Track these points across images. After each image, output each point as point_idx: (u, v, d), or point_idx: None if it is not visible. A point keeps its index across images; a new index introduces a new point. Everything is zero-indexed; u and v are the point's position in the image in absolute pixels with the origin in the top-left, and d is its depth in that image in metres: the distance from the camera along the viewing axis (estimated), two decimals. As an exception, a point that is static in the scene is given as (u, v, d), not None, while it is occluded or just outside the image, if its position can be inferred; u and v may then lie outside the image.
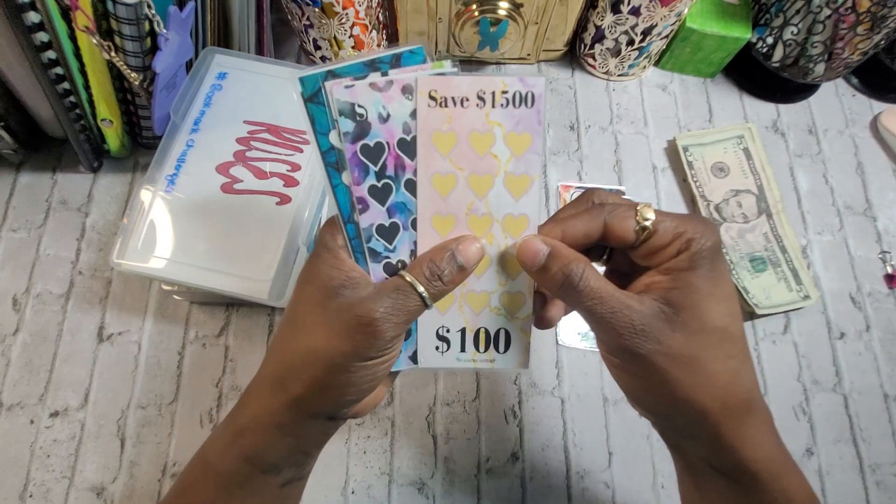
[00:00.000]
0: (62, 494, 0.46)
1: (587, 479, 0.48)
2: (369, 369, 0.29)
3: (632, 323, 0.27)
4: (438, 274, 0.29)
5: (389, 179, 0.29)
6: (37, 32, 0.40)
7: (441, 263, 0.29)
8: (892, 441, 0.51)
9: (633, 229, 0.29)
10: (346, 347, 0.28)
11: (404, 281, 0.29)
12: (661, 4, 0.52)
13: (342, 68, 0.27)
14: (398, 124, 0.28)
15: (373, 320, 0.27)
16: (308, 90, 0.28)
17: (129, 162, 0.56)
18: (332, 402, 0.30)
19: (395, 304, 0.28)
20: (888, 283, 0.56)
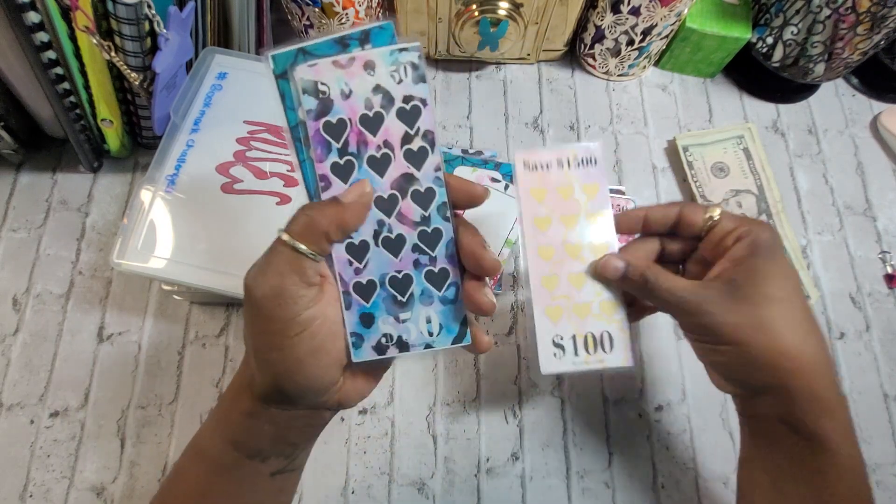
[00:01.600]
0: (62, 494, 0.46)
1: (587, 479, 0.48)
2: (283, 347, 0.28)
3: (698, 304, 0.32)
4: (307, 211, 0.28)
5: (352, 156, 0.29)
6: (37, 32, 0.40)
7: (318, 203, 0.29)
8: (892, 441, 0.51)
9: (702, 218, 0.35)
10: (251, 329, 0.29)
11: (276, 239, 0.28)
12: (661, 4, 0.52)
13: (313, 45, 0.28)
14: (360, 100, 0.29)
15: (247, 289, 0.28)
16: (279, 67, 0.28)
17: (129, 162, 0.56)
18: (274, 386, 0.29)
19: (263, 261, 0.28)
20: (888, 283, 0.56)
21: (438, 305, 0.31)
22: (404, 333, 0.31)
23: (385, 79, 0.28)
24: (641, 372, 0.52)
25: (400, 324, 0.31)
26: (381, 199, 0.30)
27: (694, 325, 0.34)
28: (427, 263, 0.31)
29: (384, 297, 0.31)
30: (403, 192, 0.30)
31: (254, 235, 0.43)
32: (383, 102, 0.29)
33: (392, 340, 0.31)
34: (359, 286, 0.31)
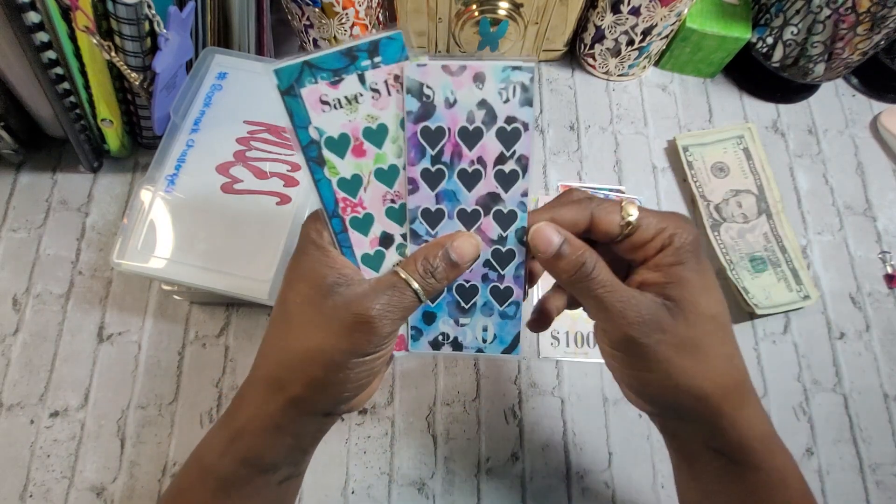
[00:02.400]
0: (62, 494, 0.46)
1: (587, 479, 0.48)
2: (367, 365, 0.29)
3: (640, 313, 0.28)
4: (431, 270, 0.29)
5: (444, 165, 0.30)
6: (37, 32, 0.40)
7: (434, 261, 0.29)
8: (892, 441, 0.51)
9: (617, 223, 0.30)
10: (345, 345, 0.28)
11: (399, 278, 0.29)
12: (661, 4, 0.52)
13: (319, 58, 0.27)
14: (463, 112, 0.29)
15: (370, 318, 0.28)
16: (284, 83, 0.27)
17: (129, 162, 0.56)
18: (330, 399, 0.30)
19: (390, 301, 0.28)
20: (888, 283, 0.56)
21: (497, 318, 0.33)
22: (460, 336, 0.34)
23: (492, 95, 0.28)
24: (641, 372, 0.52)
25: (458, 327, 0.33)
26: (463, 211, 0.30)
27: (619, 338, 0.29)
28: (494, 280, 0.32)
29: (448, 301, 0.33)
30: (487, 209, 0.30)
31: (254, 235, 0.43)
32: (485, 119, 0.29)
33: (448, 340, 0.34)
34: None
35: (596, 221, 0.30)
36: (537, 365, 0.51)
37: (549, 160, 0.59)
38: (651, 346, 0.28)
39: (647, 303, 0.28)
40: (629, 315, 0.28)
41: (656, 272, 0.30)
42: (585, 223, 0.30)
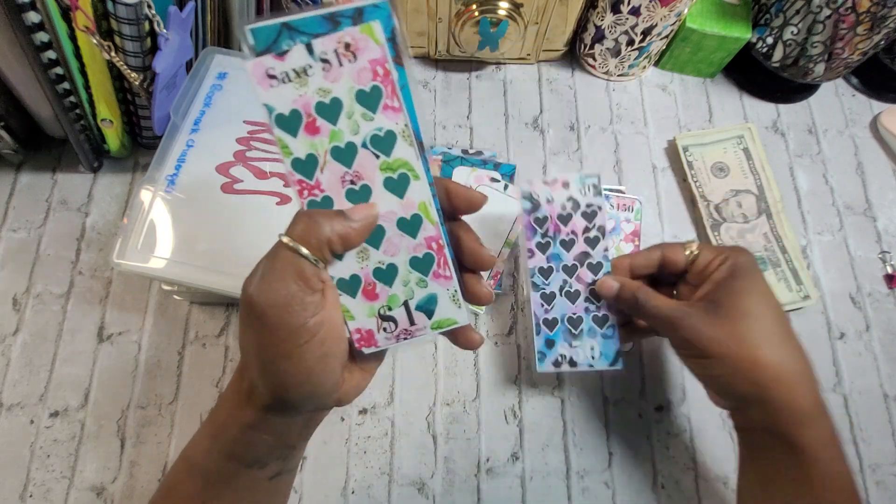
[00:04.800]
0: (62, 494, 0.46)
1: (587, 479, 0.48)
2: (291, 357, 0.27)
3: (681, 319, 0.37)
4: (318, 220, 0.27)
5: (550, 238, 0.44)
6: (37, 32, 0.40)
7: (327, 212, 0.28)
8: (892, 441, 0.51)
9: (682, 255, 0.40)
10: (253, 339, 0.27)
11: (279, 241, 0.27)
12: (661, 4, 0.52)
13: (299, 21, 0.26)
14: (558, 205, 0.44)
15: (249, 296, 0.26)
16: (261, 43, 0.26)
17: (129, 162, 0.56)
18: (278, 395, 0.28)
19: (267, 269, 0.27)
20: (888, 283, 0.56)
21: (600, 339, 0.44)
22: (574, 355, 0.45)
23: (575, 192, 0.43)
24: (641, 372, 0.52)
25: (572, 348, 0.45)
26: (565, 266, 0.44)
27: (679, 340, 0.38)
28: (594, 310, 0.44)
29: (563, 330, 0.45)
30: (581, 262, 0.44)
31: (254, 235, 0.43)
32: (573, 207, 0.43)
33: (565, 359, 0.45)
34: (546, 321, 0.45)
35: (666, 258, 0.41)
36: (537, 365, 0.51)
37: (549, 160, 0.59)
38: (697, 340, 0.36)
39: (690, 311, 0.37)
40: (674, 324, 0.37)
41: (710, 284, 0.38)
42: (657, 262, 0.42)
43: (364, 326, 0.31)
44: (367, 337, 0.31)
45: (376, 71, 0.26)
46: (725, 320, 0.35)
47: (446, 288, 0.31)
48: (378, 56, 0.26)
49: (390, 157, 0.28)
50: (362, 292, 0.30)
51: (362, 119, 0.27)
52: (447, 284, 0.31)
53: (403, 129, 0.28)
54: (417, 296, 0.31)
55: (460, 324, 0.31)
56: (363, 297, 0.30)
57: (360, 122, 0.27)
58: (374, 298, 0.30)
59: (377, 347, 0.31)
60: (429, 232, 0.29)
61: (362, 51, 0.26)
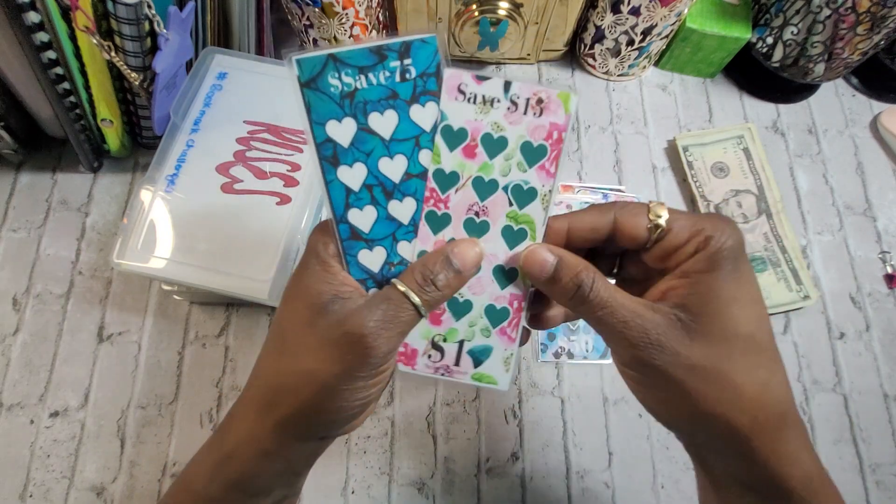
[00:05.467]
0: (62, 494, 0.46)
1: (587, 479, 0.48)
2: (362, 390, 0.27)
3: (645, 333, 0.25)
4: (432, 279, 0.27)
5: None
6: (37, 32, 0.40)
7: (434, 267, 0.27)
8: (892, 441, 0.51)
9: (644, 226, 0.27)
10: (338, 369, 0.26)
11: (396, 290, 0.27)
12: (661, 4, 0.52)
13: (346, 52, 0.26)
14: None
15: (362, 336, 0.25)
16: (306, 74, 0.26)
17: (129, 162, 0.56)
18: (322, 425, 0.28)
19: (385, 316, 0.26)
20: (888, 283, 0.56)
21: (593, 334, 0.46)
22: (572, 348, 0.50)
23: None
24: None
25: (570, 342, 0.50)
26: None
27: (632, 360, 0.26)
28: None
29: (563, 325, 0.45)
30: None
31: (254, 235, 0.43)
32: None
33: (564, 351, 0.50)
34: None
35: (620, 225, 0.27)
36: (537, 365, 0.51)
37: (549, 160, 0.59)
38: (662, 369, 0.25)
39: (656, 321, 0.25)
40: (633, 337, 0.25)
41: (682, 279, 0.26)
42: (607, 228, 0.28)
43: (412, 344, 0.30)
44: (410, 355, 0.30)
45: (552, 133, 0.28)
46: (702, 344, 0.25)
47: (504, 348, 0.30)
48: (561, 123, 0.28)
49: (521, 210, 0.29)
50: (430, 313, 0.30)
51: (516, 167, 0.28)
52: (507, 345, 0.30)
53: (546, 193, 0.29)
54: (475, 341, 0.30)
55: (500, 388, 0.31)
56: (427, 319, 0.30)
57: (513, 168, 0.28)
58: (437, 324, 0.30)
59: (413, 370, 0.31)
60: (516, 290, 0.30)
61: (550, 112, 0.28)
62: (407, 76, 0.27)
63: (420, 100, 0.28)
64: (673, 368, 0.25)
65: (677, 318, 0.25)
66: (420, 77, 0.27)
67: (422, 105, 0.28)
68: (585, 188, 0.57)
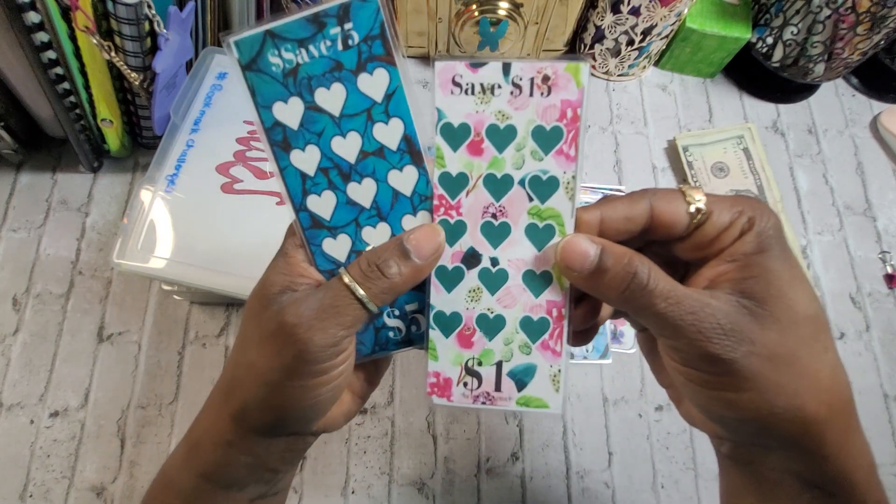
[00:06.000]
0: (62, 494, 0.46)
1: (587, 479, 0.48)
2: (309, 389, 0.25)
3: (718, 324, 0.22)
4: (378, 265, 0.24)
5: None
6: (37, 32, 0.40)
7: (384, 254, 0.25)
8: (892, 441, 0.51)
9: (685, 212, 0.24)
10: (275, 363, 0.25)
11: (338, 280, 0.25)
12: (661, 4, 0.52)
13: (282, 26, 0.24)
14: None
15: (293, 326, 0.24)
16: (245, 56, 0.24)
17: (129, 162, 0.56)
18: (277, 421, 0.26)
19: (322, 306, 0.24)
20: (888, 283, 0.56)
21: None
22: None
23: None
24: (641, 372, 0.52)
25: None
26: None
27: (701, 356, 0.23)
28: None
29: None
30: None
31: (254, 235, 0.43)
32: None
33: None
34: None
35: (657, 214, 0.24)
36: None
37: (549, 160, 0.59)
38: (739, 362, 0.22)
39: (726, 309, 0.23)
40: (706, 329, 0.22)
41: (731, 264, 0.24)
42: (644, 219, 0.25)
43: (444, 373, 0.27)
44: (443, 386, 0.28)
45: (565, 112, 0.25)
46: (776, 329, 0.22)
47: (550, 364, 0.27)
48: (574, 99, 0.25)
49: (544, 204, 0.26)
50: (457, 335, 0.27)
51: (530, 156, 0.25)
52: (553, 360, 0.27)
53: (570, 180, 0.25)
54: (515, 361, 0.27)
55: (552, 411, 0.27)
56: (456, 341, 0.27)
57: (527, 159, 0.25)
58: (468, 346, 0.27)
59: (450, 402, 0.28)
60: (554, 296, 0.26)
61: (559, 88, 0.25)
62: (350, 42, 0.24)
63: (367, 67, 0.25)
64: (749, 360, 0.22)
65: (742, 306, 0.23)
66: (364, 42, 0.24)
67: (370, 73, 0.25)
68: (585, 188, 0.57)
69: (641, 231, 0.25)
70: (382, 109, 0.25)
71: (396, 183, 0.26)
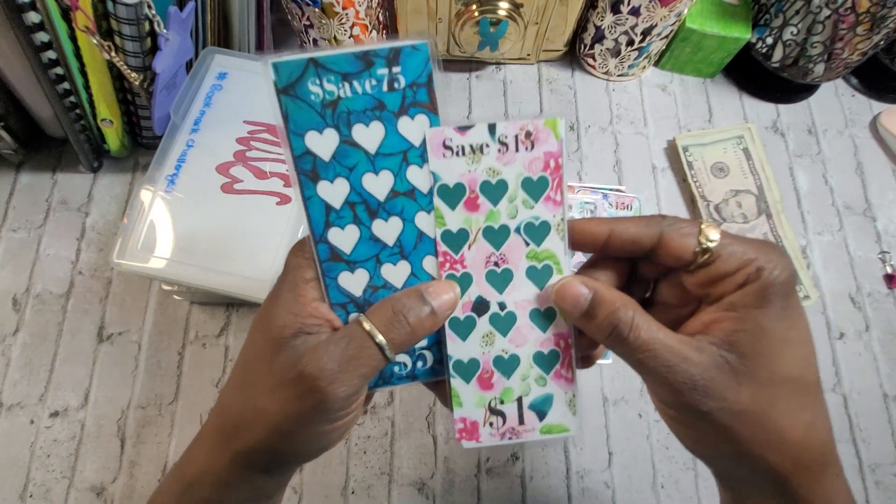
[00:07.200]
0: (62, 494, 0.46)
1: (587, 479, 0.48)
2: (321, 435, 0.25)
3: (691, 379, 0.24)
4: (403, 314, 0.25)
5: None
6: (37, 32, 0.40)
7: (408, 301, 0.25)
8: (891, 441, 0.51)
9: (692, 248, 0.25)
10: (290, 411, 0.24)
11: (359, 328, 0.25)
12: (661, 5, 0.52)
13: (328, 57, 0.24)
14: None
15: (316, 379, 0.24)
16: (283, 79, 0.24)
17: (129, 162, 0.56)
18: (281, 462, 0.27)
19: (344, 356, 0.24)
20: (888, 283, 0.56)
21: None
22: None
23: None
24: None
25: None
26: None
27: (675, 403, 0.25)
28: None
29: None
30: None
31: (254, 235, 0.43)
32: None
33: None
34: None
35: (665, 241, 0.25)
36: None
37: (549, 160, 0.59)
38: (710, 414, 0.24)
39: (703, 364, 0.24)
40: (678, 383, 0.24)
41: (729, 313, 0.24)
42: (651, 241, 0.26)
43: (471, 417, 0.29)
44: (470, 430, 0.29)
45: (549, 163, 0.27)
46: (751, 387, 0.24)
47: (565, 391, 0.29)
48: (555, 150, 0.27)
49: (539, 246, 0.28)
50: (477, 379, 0.29)
51: (522, 205, 0.27)
52: (567, 387, 0.29)
53: (559, 222, 0.27)
54: (533, 394, 0.29)
55: (572, 433, 0.29)
56: (477, 385, 0.29)
57: (520, 208, 0.27)
58: (489, 388, 0.29)
59: (478, 443, 0.29)
60: (560, 329, 0.28)
61: (541, 142, 0.27)
62: (395, 86, 0.25)
63: (409, 112, 0.26)
64: (718, 413, 0.24)
65: (724, 360, 0.24)
66: (410, 87, 0.25)
67: (411, 118, 0.26)
68: (585, 188, 0.57)
69: (646, 254, 0.26)
70: (419, 154, 0.26)
71: (423, 224, 0.27)
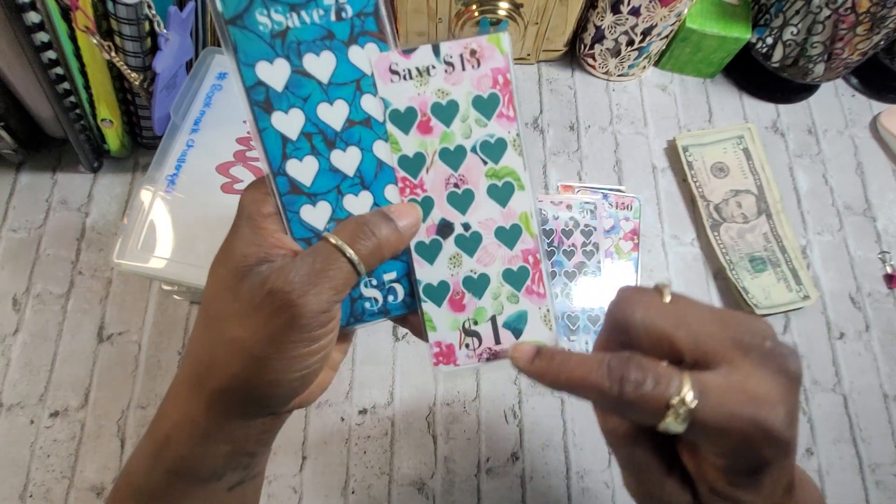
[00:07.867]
0: (62, 494, 0.46)
1: (587, 479, 0.48)
2: (298, 360, 0.24)
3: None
4: (370, 227, 0.25)
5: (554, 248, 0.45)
6: (37, 32, 0.40)
7: (372, 218, 0.25)
8: (891, 441, 0.51)
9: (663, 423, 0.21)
10: (263, 334, 0.23)
11: (326, 243, 0.24)
12: (661, 5, 0.52)
13: None
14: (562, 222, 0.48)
15: (286, 293, 0.23)
16: (230, 10, 0.24)
17: (129, 162, 0.56)
18: (261, 400, 0.26)
19: (313, 270, 0.23)
20: (888, 283, 0.56)
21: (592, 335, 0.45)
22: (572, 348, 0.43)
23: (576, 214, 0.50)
24: (641, 372, 0.52)
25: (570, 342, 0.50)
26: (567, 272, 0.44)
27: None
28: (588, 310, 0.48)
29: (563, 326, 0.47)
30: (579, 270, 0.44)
31: (254, 235, 0.43)
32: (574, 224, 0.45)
33: None
34: None
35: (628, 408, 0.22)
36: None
37: (549, 160, 0.59)
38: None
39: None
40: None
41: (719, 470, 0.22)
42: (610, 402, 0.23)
43: (445, 340, 0.29)
44: (447, 353, 0.29)
45: (497, 79, 0.27)
46: None
47: (538, 306, 0.29)
48: (501, 66, 0.27)
49: (498, 164, 0.28)
50: (448, 301, 0.28)
51: (475, 124, 0.27)
52: (540, 302, 0.29)
53: (515, 138, 0.27)
54: (507, 312, 0.29)
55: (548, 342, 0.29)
56: (449, 307, 0.28)
57: (473, 127, 0.27)
58: (461, 310, 0.29)
59: (456, 366, 0.29)
60: (527, 244, 0.28)
61: (487, 59, 0.27)
62: (343, 15, 0.25)
63: (359, 41, 0.26)
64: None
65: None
66: (357, 17, 0.25)
67: (361, 46, 0.26)
68: (585, 188, 0.57)
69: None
70: (372, 82, 0.26)
71: (382, 153, 0.27)
